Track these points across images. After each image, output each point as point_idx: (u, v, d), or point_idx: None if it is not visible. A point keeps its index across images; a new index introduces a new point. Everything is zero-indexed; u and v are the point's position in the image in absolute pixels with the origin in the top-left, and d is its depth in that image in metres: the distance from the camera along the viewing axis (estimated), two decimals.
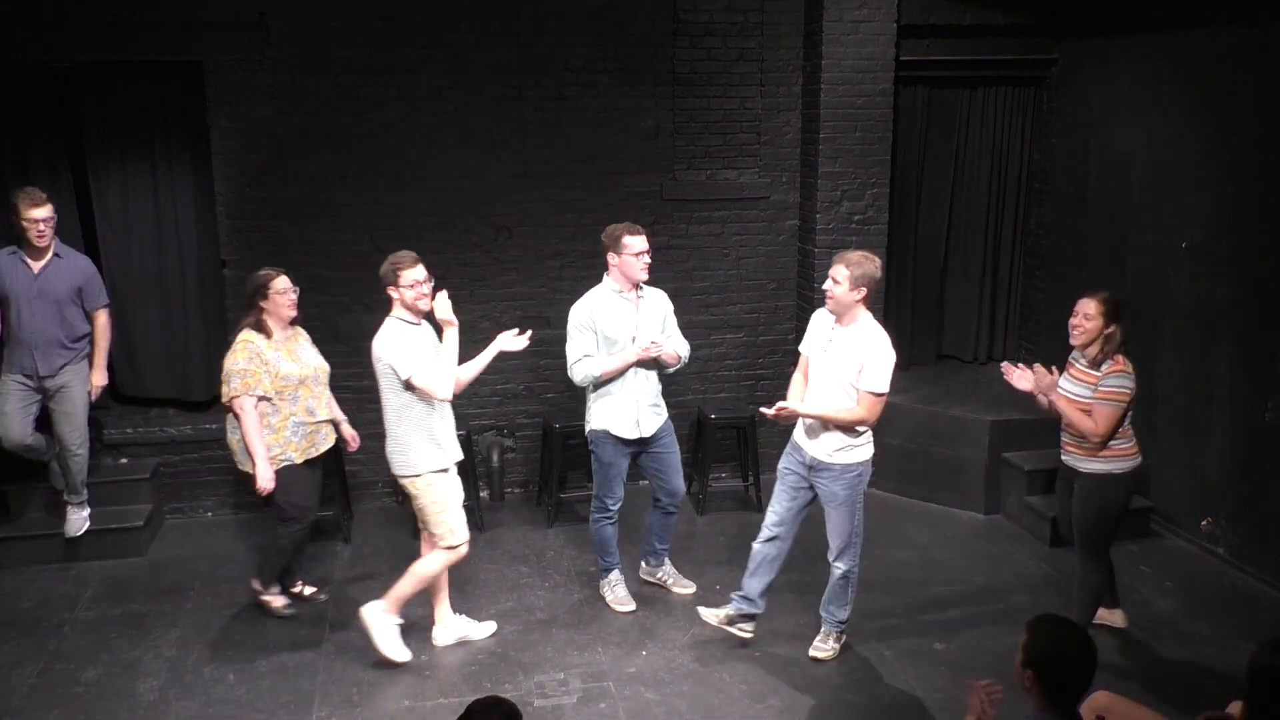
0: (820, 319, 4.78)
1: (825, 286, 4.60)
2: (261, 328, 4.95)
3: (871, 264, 4.54)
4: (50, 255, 5.49)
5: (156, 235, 6.47)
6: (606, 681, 4.71)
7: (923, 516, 6.56)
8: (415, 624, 5.19)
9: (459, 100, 6.40)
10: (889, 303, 7.06)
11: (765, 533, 4.90)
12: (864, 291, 4.54)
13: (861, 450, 4.69)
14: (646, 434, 5.17)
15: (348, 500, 6.43)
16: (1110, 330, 4.56)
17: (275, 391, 4.94)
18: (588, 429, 5.24)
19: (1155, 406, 6.30)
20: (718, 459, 6.82)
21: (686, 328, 6.60)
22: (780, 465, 4.89)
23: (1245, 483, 5.66)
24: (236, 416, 4.95)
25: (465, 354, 4.86)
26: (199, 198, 6.46)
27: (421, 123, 6.38)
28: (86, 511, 5.87)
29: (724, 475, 6.98)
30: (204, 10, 6.01)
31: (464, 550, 4.87)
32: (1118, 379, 4.56)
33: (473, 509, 5.35)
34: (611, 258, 5.07)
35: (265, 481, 4.92)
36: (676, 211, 6.80)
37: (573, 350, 5.07)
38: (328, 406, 5.23)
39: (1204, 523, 5.95)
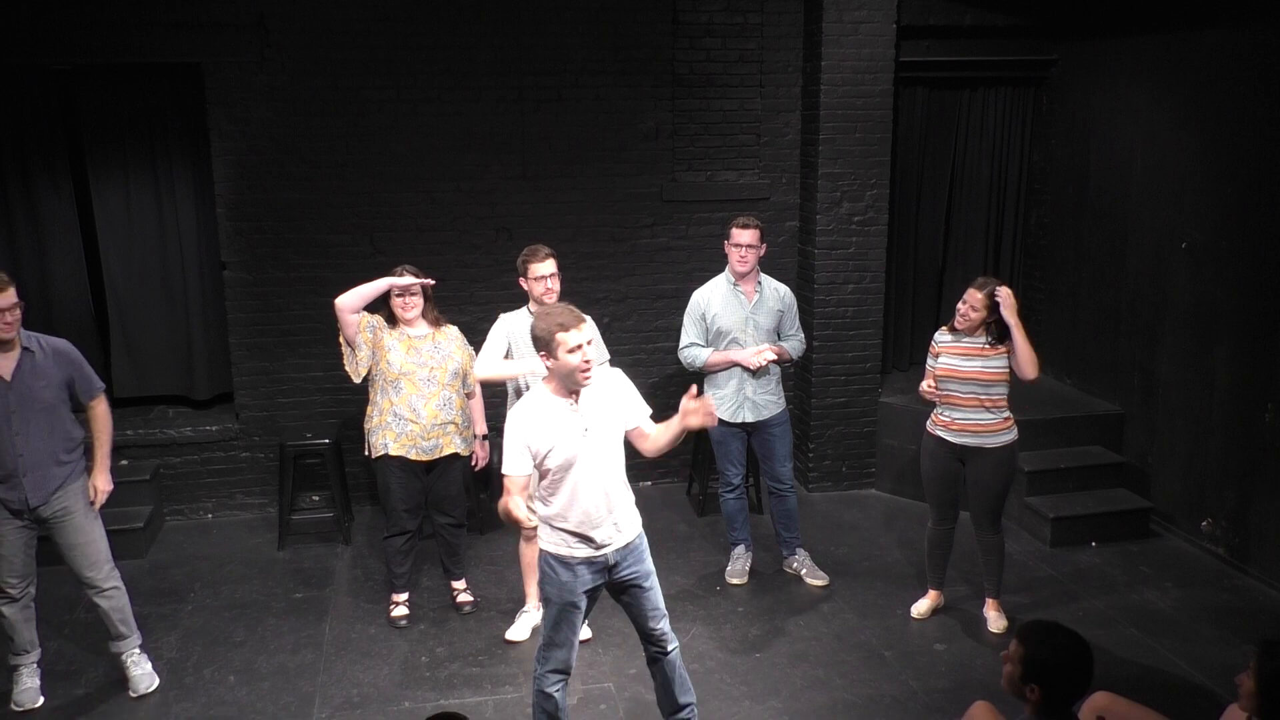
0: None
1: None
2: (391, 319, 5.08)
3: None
4: (19, 350, 4.21)
5: (157, 236, 6.49)
6: (606, 682, 4.71)
7: (922, 517, 6.53)
8: (421, 621, 5.20)
9: (459, 101, 6.40)
10: (889, 303, 7.05)
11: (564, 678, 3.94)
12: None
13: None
14: (750, 420, 5.46)
15: (348, 501, 6.44)
16: (991, 320, 5.01)
17: (385, 378, 5.01)
18: None
19: (1155, 407, 6.30)
20: None
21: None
22: (573, 599, 3.81)
23: (1245, 483, 5.66)
24: None
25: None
26: (199, 199, 6.47)
27: (421, 124, 6.38)
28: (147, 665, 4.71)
29: None
30: (204, 12, 6.02)
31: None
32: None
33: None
34: None
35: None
36: (676, 213, 6.81)
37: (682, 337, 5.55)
38: (445, 410, 5.04)
39: (1204, 523, 5.95)
